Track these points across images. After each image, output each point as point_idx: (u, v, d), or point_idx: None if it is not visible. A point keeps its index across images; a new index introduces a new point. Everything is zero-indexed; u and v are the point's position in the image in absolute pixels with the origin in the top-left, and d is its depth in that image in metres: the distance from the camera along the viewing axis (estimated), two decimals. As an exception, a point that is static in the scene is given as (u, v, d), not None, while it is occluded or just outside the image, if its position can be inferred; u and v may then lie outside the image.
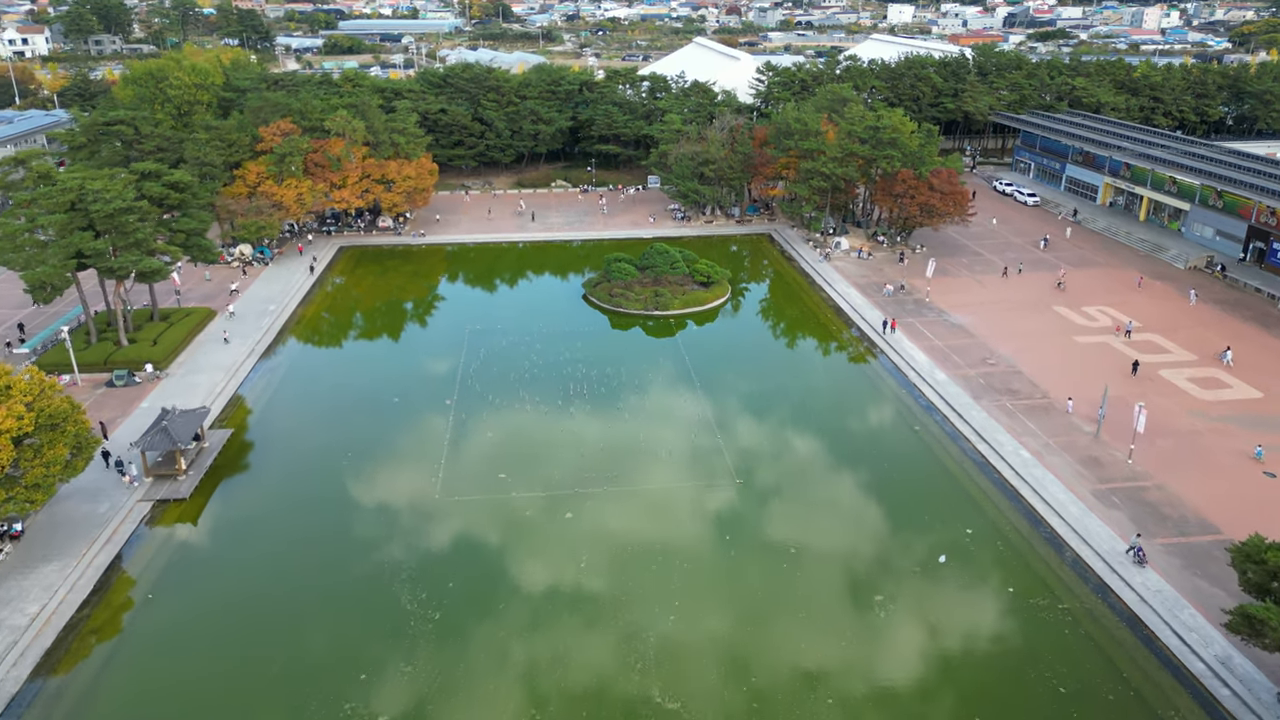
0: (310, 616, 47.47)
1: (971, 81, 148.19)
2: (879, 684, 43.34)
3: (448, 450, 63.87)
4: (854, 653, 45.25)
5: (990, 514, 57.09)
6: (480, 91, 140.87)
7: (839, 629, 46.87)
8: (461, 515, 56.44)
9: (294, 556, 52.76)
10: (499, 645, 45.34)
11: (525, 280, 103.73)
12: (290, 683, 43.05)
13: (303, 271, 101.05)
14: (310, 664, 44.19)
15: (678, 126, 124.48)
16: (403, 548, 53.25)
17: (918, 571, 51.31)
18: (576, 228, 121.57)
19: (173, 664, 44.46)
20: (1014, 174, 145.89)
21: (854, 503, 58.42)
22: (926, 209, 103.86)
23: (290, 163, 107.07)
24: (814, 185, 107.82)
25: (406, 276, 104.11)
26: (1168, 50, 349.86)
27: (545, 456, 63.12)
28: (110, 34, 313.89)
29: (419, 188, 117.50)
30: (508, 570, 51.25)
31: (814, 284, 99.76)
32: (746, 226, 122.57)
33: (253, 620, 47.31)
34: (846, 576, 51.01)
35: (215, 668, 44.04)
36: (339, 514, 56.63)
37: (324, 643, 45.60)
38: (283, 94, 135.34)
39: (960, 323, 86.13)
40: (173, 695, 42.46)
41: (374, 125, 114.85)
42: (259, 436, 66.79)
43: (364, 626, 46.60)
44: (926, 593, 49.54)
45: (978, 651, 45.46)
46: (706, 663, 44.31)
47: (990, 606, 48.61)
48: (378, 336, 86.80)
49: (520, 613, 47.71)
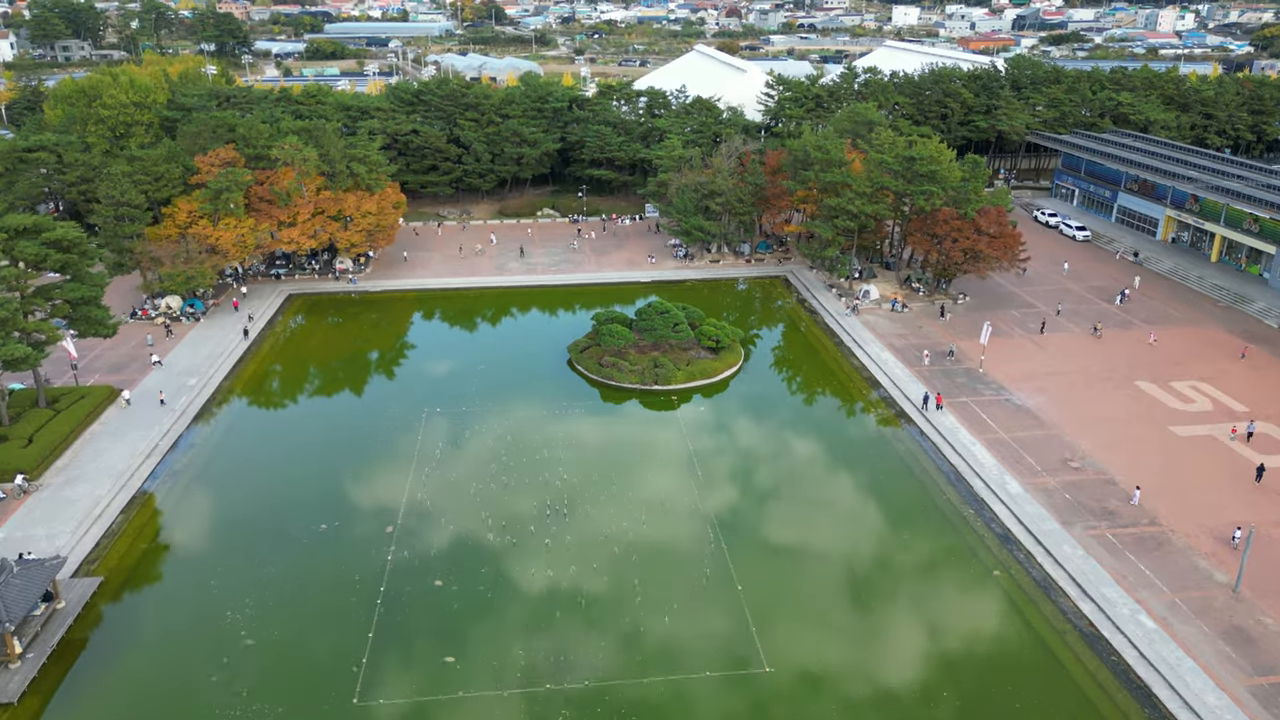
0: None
1: (1006, 97, 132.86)
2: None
3: (380, 614, 48.29)
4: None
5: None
6: (457, 110, 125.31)
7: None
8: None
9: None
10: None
11: (501, 339, 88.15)
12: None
13: (238, 331, 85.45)
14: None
15: (679, 152, 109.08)
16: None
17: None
18: (564, 268, 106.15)
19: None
20: (1055, 201, 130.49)
21: (935, 710, 42.97)
22: (972, 255, 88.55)
23: (228, 199, 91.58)
24: (839, 225, 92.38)
25: (361, 335, 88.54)
26: (1189, 55, 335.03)
27: (510, 622, 47.69)
28: (79, 39, 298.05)
29: (382, 225, 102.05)
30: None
31: (841, 345, 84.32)
32: (758, 267, 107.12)
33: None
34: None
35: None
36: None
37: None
38: (232, 113, 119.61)
39: (1025, 404, 70.71)
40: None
41: (329, 153, 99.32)
42: (138, 588, 51.23)
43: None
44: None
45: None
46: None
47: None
48: (316, 423, 71.08)
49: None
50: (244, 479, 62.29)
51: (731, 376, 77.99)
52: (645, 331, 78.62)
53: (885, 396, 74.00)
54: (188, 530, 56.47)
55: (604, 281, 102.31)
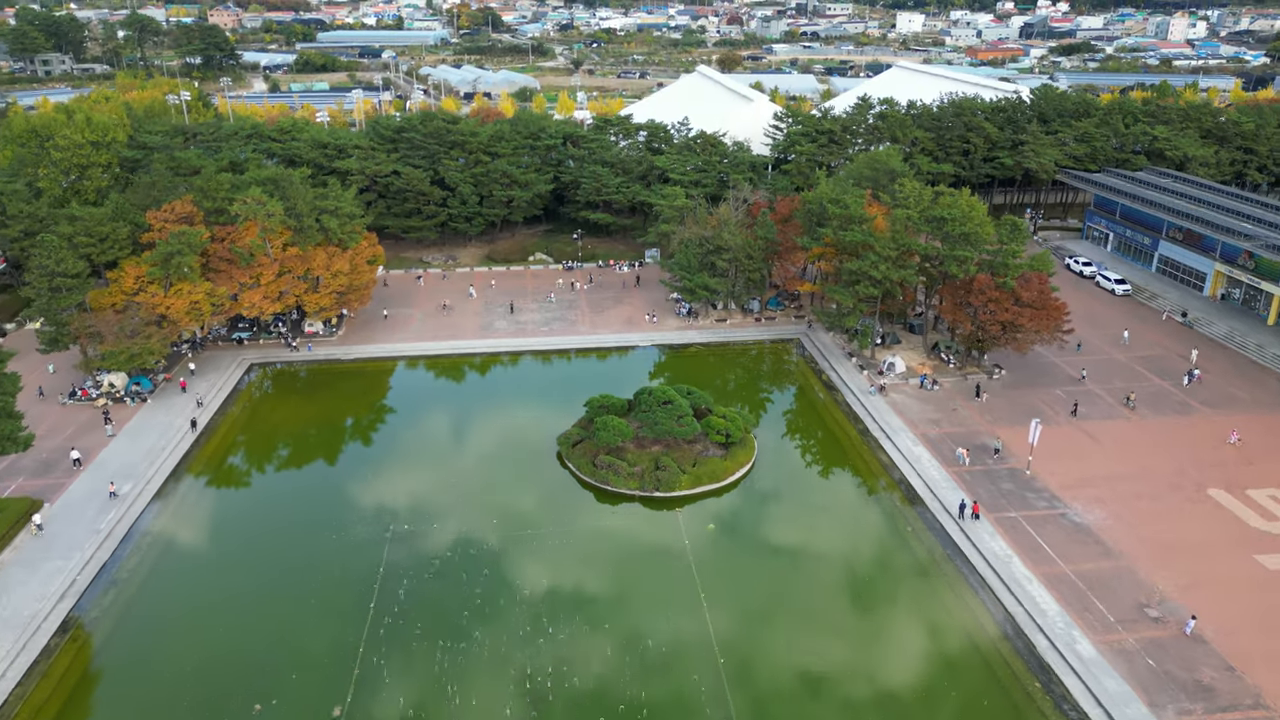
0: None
1: (1033, 132, 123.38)
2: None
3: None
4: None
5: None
6: (441, 149, 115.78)
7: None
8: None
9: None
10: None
11: (483, 422, 78.47)
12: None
13: (186, 418, 75.88)
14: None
15: (681, 202, 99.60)
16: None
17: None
18: (556, 327, 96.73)
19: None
20: (1086, 245, 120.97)
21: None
22: (1011, 329, 79.13)
23: (180, 263, 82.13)
24: (860, 292, 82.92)
25: (326, 418, 78.95)
26: (1204, 67, 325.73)
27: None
28: (61, 53, 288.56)
29: (355, 285, 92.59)
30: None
31: (866, 435, 74.79)
32: (769, 327, 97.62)
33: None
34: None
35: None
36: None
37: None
38: (196, 153, 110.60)
39: (1085, 521, 61.22)
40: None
41: (297, 206, 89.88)
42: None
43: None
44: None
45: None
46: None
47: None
48: (261, 555, 60.58)
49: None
50: (169, 630, 52.65)
51: (743, 477, 68.50)
52: (646, 425, 69.10)
53: (920, 508, 64.47)
54: (93, 710, 46.96)
55: (600, 345, 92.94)
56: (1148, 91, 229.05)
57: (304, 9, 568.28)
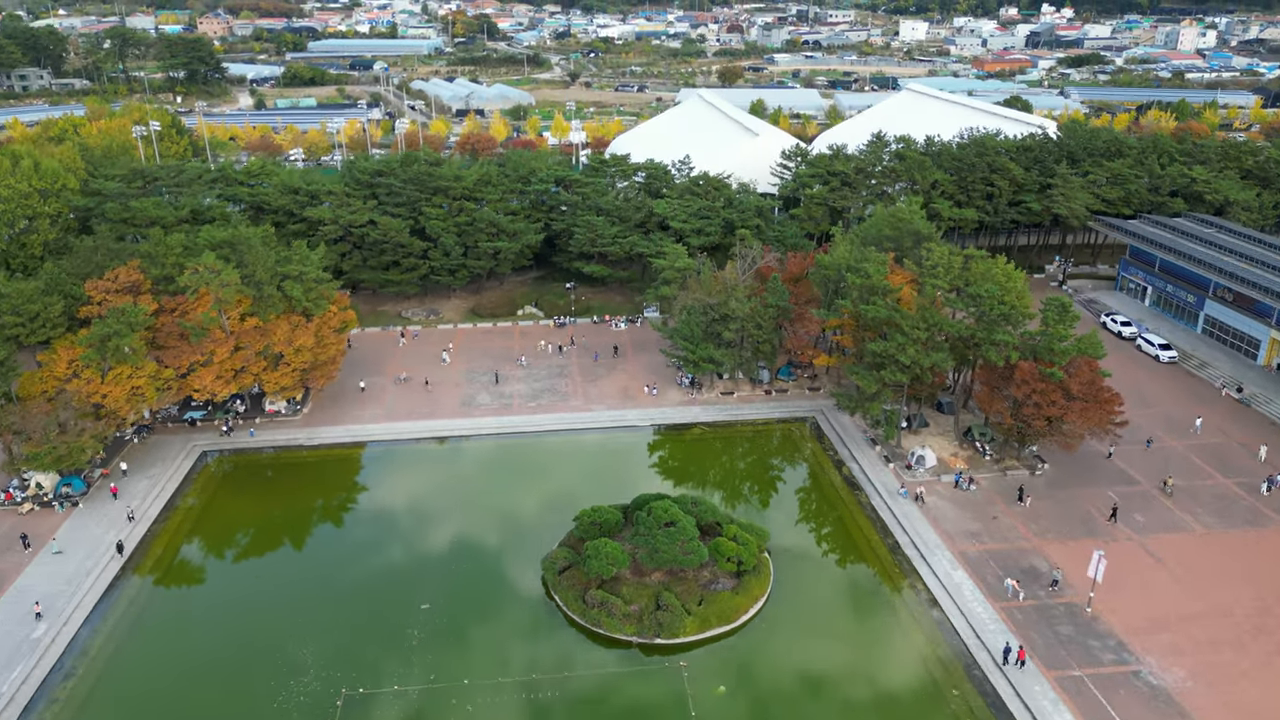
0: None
1: (1062, 174, 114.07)
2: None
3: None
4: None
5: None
6: (422, 196, 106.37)
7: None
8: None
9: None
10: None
11: (457, 537, 68.67)
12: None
13: (119, 531, 66.43)
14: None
15: (682, 263, 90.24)
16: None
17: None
18: (545, 400, 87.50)
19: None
20: (1121, 298, 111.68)
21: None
22: (1057, 424, 69.92)
23: (119, 345, 72.78)
24: (885, 378, 73.61)
25: (279, 527, 69.45)
26: (1218, 80, 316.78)
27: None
28: (39, 67, 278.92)
29: (321, 360, 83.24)
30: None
31: (896, 552, 65.41)
32: (781, 402, 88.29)
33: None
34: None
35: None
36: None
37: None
38: (154, 201, 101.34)
39: (1163, 684, 51.96)
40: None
41: (255, 273, 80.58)
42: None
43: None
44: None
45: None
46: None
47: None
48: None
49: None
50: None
51: (758, 614, 59.17)
52: (646, 553, 59.78)
53: (967, 661, 55.18)
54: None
55: (593, 426, 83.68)
56: (1166, 112, 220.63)
57: (297, 15, 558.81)
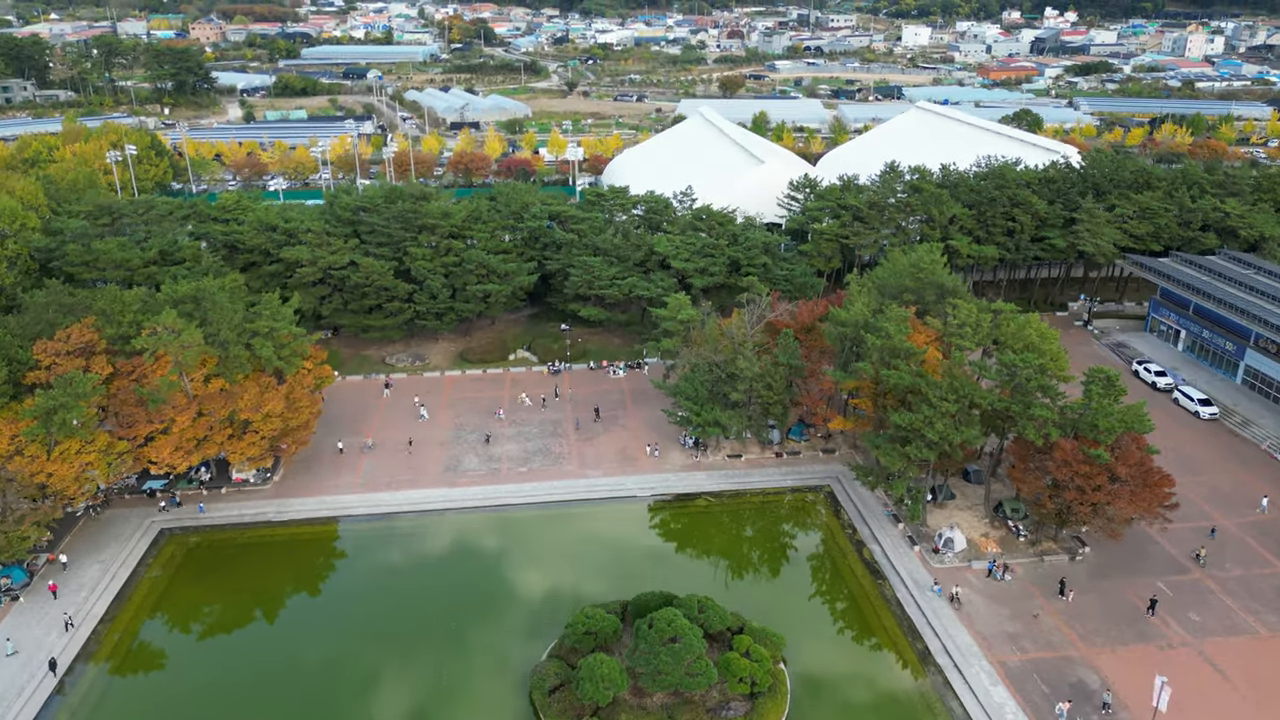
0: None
1: (1088, 208, 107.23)
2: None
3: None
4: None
5: None
6: (407, 235, 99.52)
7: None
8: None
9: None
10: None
11: (434, 634, 61.81)
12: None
13: (58, 637, 59.61)
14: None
15: (685, 314, 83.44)
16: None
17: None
18: (537, 464, 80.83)
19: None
20: (1151, 341, 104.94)
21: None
22: (1100, 510, 63.21)
23: (66, 417, 65.96)
24: (911, 454, 66.80)
25: (236, 625, 62.69)
26: (1229, 89, 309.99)
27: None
28: (22, 78, 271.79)
29: (292, 425, 76.41)
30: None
31: (927, 658, 58.68)
32: (793, 466, 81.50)
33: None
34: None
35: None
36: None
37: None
38: (118, 242, 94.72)
39: (1240, 843, 45.38)
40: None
41: (221, 333, 73.72)
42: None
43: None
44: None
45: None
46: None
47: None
48: None
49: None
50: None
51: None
52: (647, 674, 52.97)
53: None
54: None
55: (589, 496, 77.03)
56: (1182, 128, 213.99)
57: (291, 19, 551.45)
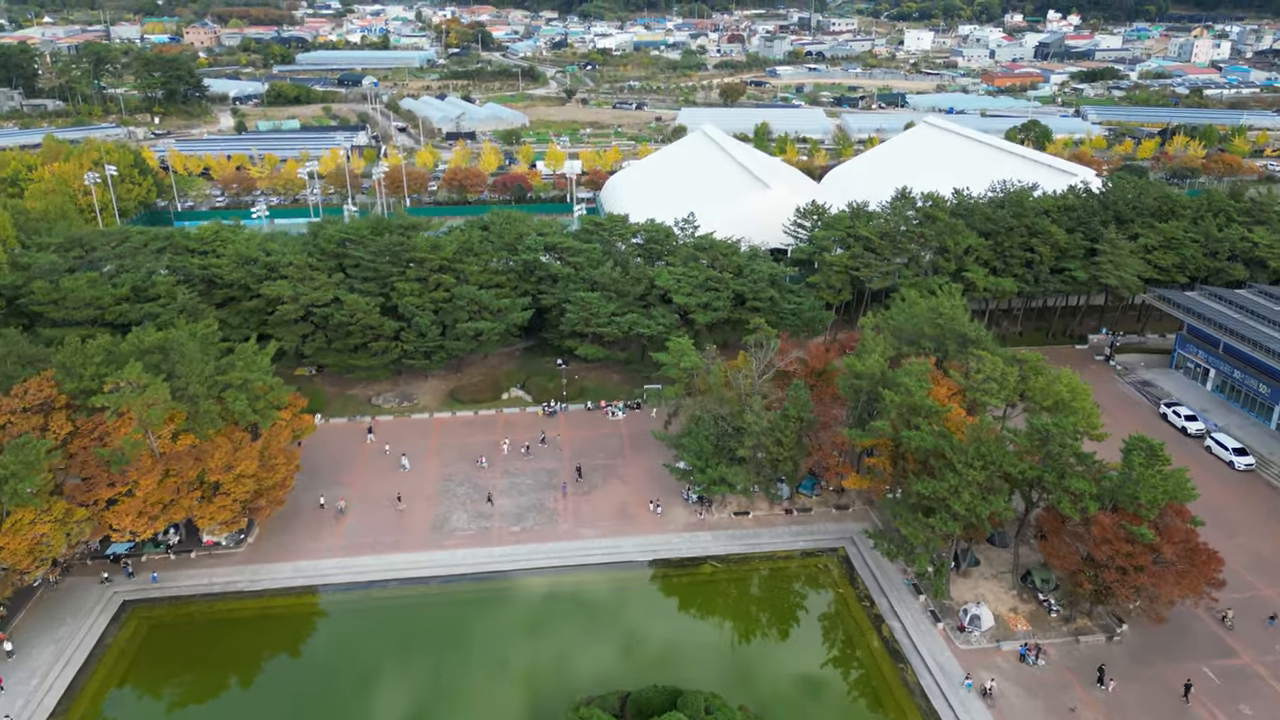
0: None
1: (1110, 239, 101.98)
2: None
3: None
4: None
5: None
6: (395, 269, 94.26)
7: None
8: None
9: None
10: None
11: None
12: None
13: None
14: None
15: (688, 361, 78.13)
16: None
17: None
18: (531, 524, 75.61)
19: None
20: (1178, 380, 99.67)
21: None
22: (1143, 591, 58.02)
23: (18, 487, 60.70)
24: (935, 526, 61.56)
25: (207, 706, 57.61)
26: (1238, 97, 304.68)
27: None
28: (9, 87, 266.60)
29: (267, 485, 71.13)
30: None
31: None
32: (804, 525, 76.28)
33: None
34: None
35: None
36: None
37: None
38: (87, 279, 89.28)
39: None
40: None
41: (190, 387, 68.43)
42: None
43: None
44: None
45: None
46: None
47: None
48: None
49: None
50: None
51: None
52: (647, 790, 47.90)
53: None
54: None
55: (585, 561, 71.80)
56: (1195, 140, 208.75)
57: (287, 23, 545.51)
